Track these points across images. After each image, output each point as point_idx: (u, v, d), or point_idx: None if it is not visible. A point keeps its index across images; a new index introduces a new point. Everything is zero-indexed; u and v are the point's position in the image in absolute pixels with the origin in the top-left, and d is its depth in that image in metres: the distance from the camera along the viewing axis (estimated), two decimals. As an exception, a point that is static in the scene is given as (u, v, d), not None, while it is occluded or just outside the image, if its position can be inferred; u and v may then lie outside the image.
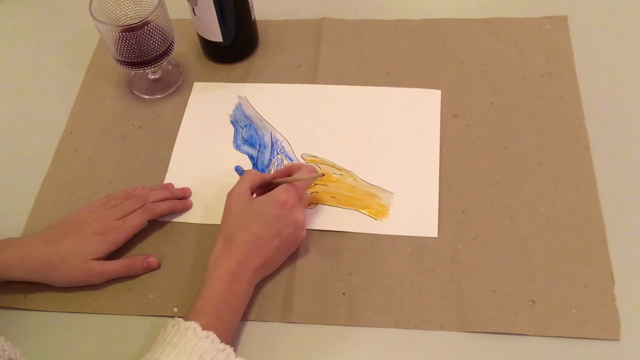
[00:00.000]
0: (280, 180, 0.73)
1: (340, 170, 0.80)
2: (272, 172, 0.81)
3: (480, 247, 0.73)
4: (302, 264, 0.73)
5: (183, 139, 0.85)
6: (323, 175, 0.72)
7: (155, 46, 0.82)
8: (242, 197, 0.71)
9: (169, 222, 0.77)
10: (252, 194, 0.72)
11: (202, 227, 0.77)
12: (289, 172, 0.74)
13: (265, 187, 0.73)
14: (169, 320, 0.64)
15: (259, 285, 0.71)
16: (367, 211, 0.77)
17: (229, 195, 0.71)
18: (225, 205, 0.71)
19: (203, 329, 0.61)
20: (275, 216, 0.68)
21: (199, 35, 0.89)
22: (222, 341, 0.62)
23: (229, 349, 0.62)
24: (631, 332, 0.67)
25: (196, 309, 0.64)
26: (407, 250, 0.73)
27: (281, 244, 0.69)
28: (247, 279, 0.67)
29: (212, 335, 0.61)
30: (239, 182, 0.72)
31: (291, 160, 0.81)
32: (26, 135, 0.87)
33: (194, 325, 0.61)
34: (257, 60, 0.92)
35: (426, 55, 0.90)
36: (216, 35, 0.87)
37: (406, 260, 0.73)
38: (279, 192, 0.69)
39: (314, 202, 0.77)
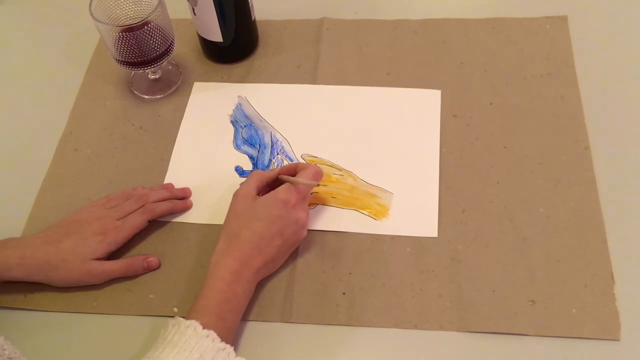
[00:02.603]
0: (285, 177, 0.73)
1: (340, 170, 0.80)
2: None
3: (480, 247, 0.73)
4: (303, 263, 0.73)
5: (183, 139, 0.85)
6: (318, 185, 0.72)
7: (155, 46, 0.82)
8: (247, 196, 0.71)
9: (169, 222, 0.77)
10: (258, 194, 0.72)
11: (202, 227, 0.77)
12: (294, 170, 0.74)
13: (270, 186, 0.74)
14: (170, 319, 0.64)
15: (259, 285, 0.71)
16: (367, 211, 0.77)
17: (235, 195, 0.72)
18: (231, 205, 0.71)
19: (203, 328, 0.61)
20: (277, 215, 0.68)
21: (199, 35, 0.89)
22: (222, 340, 0.62)
23: (229, 348, 0.62)
24: (631, 332, 0.67)
25: (197, 308, 0.64)
26: (407, 250, 0.73)
27: (283, 243, 0.69)
28: (248, 279, 0.67)
29: (212, 334, 0.61)
30: (245, 183, 0.73)
31: (291, 160, 0.81)
32: (26, 135, 0.87)
33: (194, 324, 0.61)
34: (257, 60, 0.92)
35: (426, 55, 0.90)
36: (216, 35, 0.87)
37: (406, 260, 0.73)
38: (281, 191, 0.70)
39: (314, 203, 0.77)
